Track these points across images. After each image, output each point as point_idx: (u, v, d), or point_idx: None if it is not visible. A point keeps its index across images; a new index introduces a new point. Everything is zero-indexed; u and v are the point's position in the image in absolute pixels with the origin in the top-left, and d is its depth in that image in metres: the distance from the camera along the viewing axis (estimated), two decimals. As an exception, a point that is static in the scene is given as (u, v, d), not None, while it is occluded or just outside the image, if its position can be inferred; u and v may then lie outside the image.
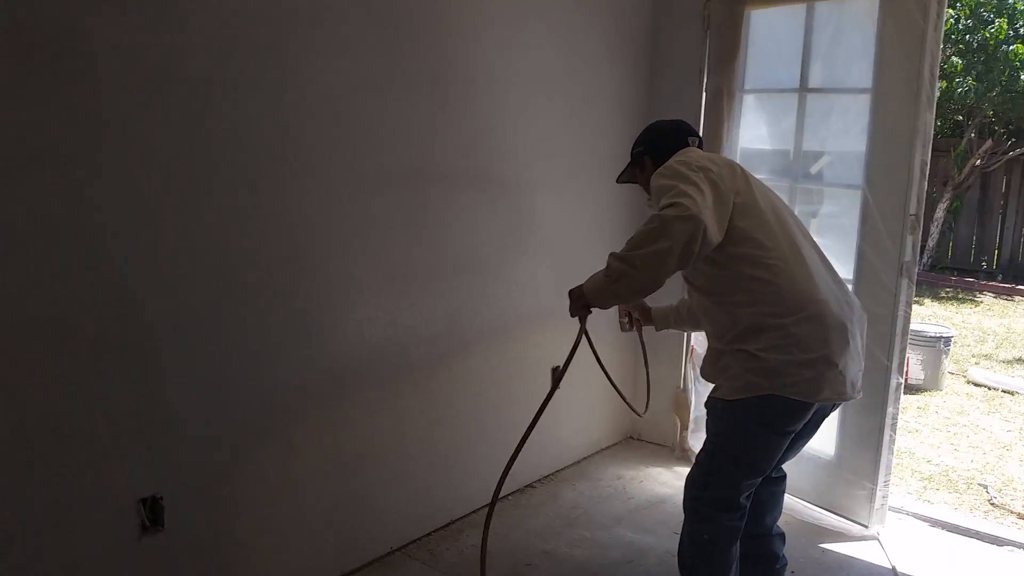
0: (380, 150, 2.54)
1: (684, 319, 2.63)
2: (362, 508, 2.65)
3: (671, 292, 2.42)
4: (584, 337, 2.19)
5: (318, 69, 2.32)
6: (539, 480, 3.42)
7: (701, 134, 3.47)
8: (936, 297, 8.95)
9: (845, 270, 3.14)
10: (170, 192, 2.02)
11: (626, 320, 2.73)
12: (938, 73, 2.89)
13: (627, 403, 2.69)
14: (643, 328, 2.74)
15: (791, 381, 2.02)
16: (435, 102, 2.71)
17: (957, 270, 10.54)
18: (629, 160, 2.41)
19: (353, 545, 2.63)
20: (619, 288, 2.00)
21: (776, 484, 2.46)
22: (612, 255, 2.01)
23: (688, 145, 2.27)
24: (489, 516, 2.17)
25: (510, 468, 2.15)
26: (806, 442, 2.29)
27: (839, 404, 2.21)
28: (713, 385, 2.22)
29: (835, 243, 3.29)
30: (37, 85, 1.76)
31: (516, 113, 3.06)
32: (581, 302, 2.12)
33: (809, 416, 2.13)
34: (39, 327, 1.81)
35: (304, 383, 2.40)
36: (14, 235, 1.75)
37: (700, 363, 2.39)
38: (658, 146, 2.28)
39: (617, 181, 2.49)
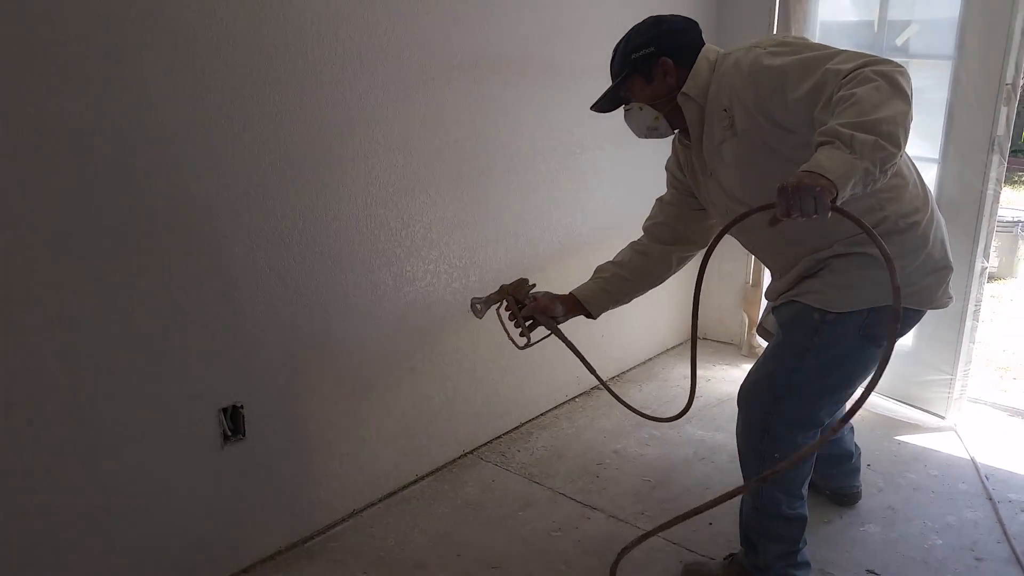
0: (440, 38, 2.36)
1: (636, 281, 2.15)
2: (435, 412, 2.63)
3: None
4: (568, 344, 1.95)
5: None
6: (607, 381, 3.38)
7: (778, 4, 3.25)
8: (1009, 182, 8.51)
9: (931, 148, 2.94)
10: (232, 86, 1.91)
11: (520, 329, 2.05)
12: (1050, -79, 2.58)
13: (630, 406, 2.31)
14: (553, 322, 2.09)
15: (916, 289, 1.79)
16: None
17: (1030, 153, 9.99)
18: (616, 79, 1.90)
19: (426, 449, 2.63)
20: (871, 168, 1.45)
21: None
22: (843, 125, 1.45)
23: (704, 44, 1.87)
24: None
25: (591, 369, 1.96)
26: None
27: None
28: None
29: (920, 120, 3.04)
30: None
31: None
32: (827, 191, 1.41)
33: (915, 323, 1.93)
34: (110, 233, 1.75)
35: (374, 285, 2.34)
36: (79, 138, 1.67)
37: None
38: (679, 44, 1.84)
39: (598, 109, 1.96)
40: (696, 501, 2.48)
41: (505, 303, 2.06)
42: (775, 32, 3.29)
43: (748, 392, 1.96)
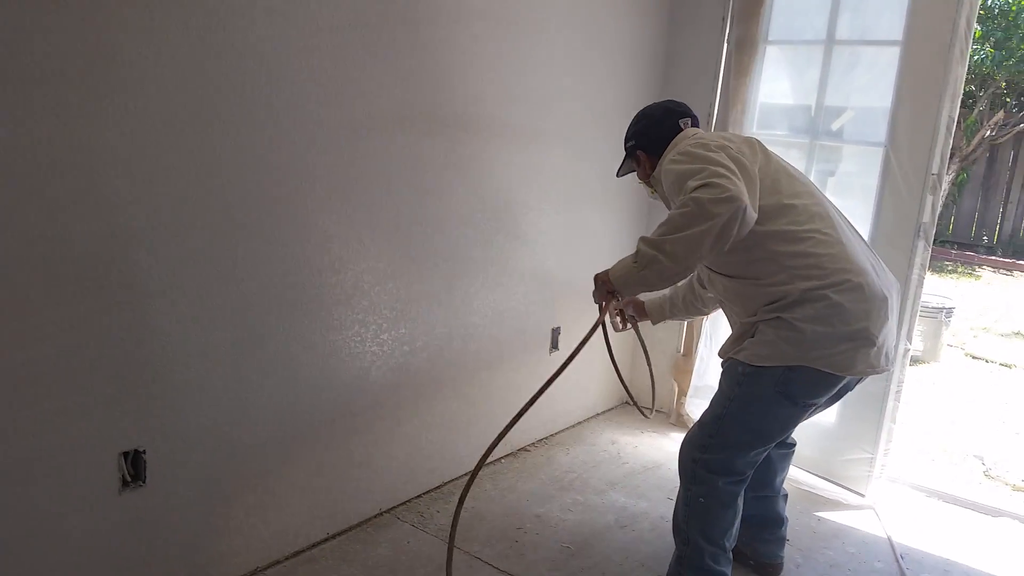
0: (388, 89, 2.36)
1: (680, 308, 2.56)
2: (352, 468, 2.54)
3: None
4: (601, 328, 2.10)
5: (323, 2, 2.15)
6: (533, 444, 3.34)
7: (720, 87, 3.37)
8: (936, 269, 8.87)
9: (861, 231, 3.01)
10: (165, 124, 1.86)
11: (619, 319, 2.57)
12: (974, 25, 2.74)
13: (635, 403, 2.64)
14: (639, 324, 2.63)
15: (826, 353, 1.93)
16: (448, 41, 2.52)
17: (958, 243, 10.45)
18: (624, 153, 2.31)
19: (342, 506, 2.53)
20: (647, 275, 1.88)
21: (788, 447, 2.42)
22: (642, 239, 1.89)
23: (681, 129, 2.14)
24: (467, 487, 1.98)
25: (500, 439, 2.02)
26: (820, 412, 2.20)
27: (865, 378, 2.09)
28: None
29: (852, 203, 3.16)
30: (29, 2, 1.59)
31: (531, 56, 2.87)
32: (606, 288, 2.00)
33: (836, 389, 2.04)
34: (11, 260, 1.66)
35: (297, 335, 2.27)
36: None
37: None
38: (650, 137, 2.17)
39: (617, 175, 2.39)
40: (614, 570, 2.44)
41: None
42: (715, 112, 3.38)
43: (684, 440, 2.17)
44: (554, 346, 3.32)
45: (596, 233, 3.41)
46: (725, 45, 3.36)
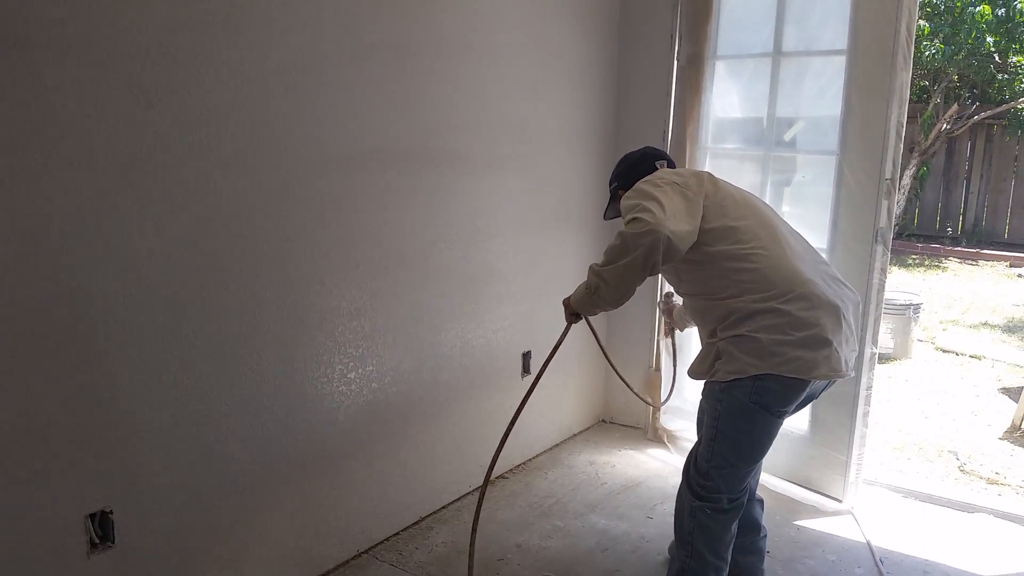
0: (340, 129, 2.36)
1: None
2: (325, 511, 2.51)
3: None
4: (595, 338, 2.55)
5: (271, 44, 2.14)
6: (511, 470, 3.32)
7: (672, 104, 3.41)
8: (903, 264, 8.99)
9: (819, 239, 3.06)
10: (118, 181, 1.84)
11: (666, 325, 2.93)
12: (915, 31, 2.79)
13: (638, 394, 2.89)
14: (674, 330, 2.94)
15: (786, 359, 2.04)
16: (398, 77, 2.53)
17: (923, 237, 10.62)
18: (610, 197, 2.47)
19: (317, 550, 2.50)
20: (596, 299, 2.14)
21: None
22: (591, 268, 2.14)
23: (656, 169, 2.30)
24: (475, 524, 2.28)
25: (493, 467, 2.28)
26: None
27: (831, 384, 2.20)
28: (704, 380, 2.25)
29: (809, 212, 3.21)
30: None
31: (483, 87, 2.89)
32: (569, 311, 2.29)
33: (803, 395, 2.13)
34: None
35: (262, 378, 2.25)
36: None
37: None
38: (629, 178, 2.31)
39: (604, 218, 2.56)
40: (597, 598, 2.42)
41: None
42: (670, 130, 3.41)
43: (688, 462, 2.29)
44: (526, 370, 3.32)
45: (559, 256, 3.42)
46: (675, 62, 3.40)
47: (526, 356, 3.32)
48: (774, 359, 2.04)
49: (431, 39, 2.64)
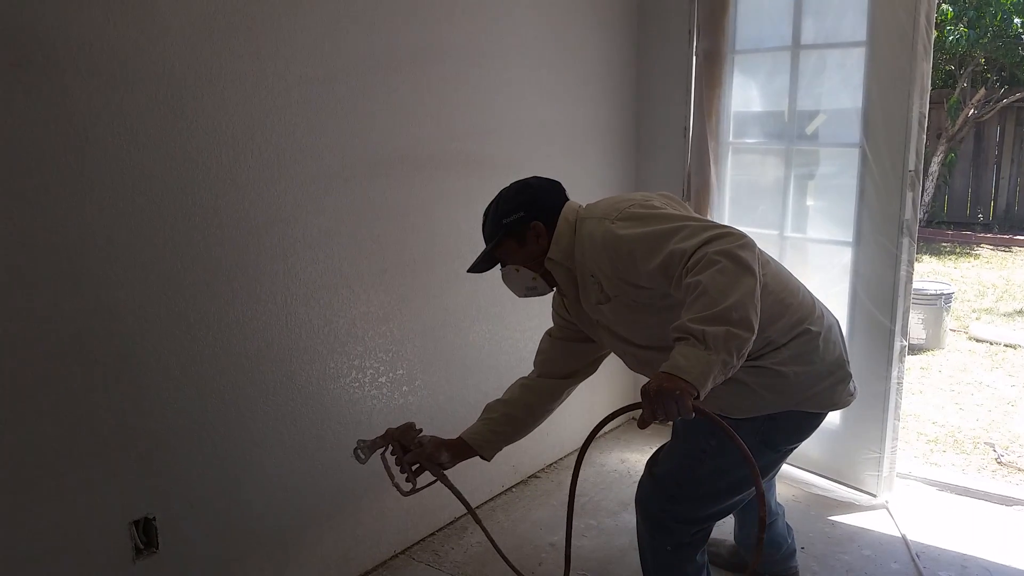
0: (362, 136, 2.40)
1: (527, 419, 2.09)
2: (362, 512, 2.55)
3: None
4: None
5: (294, 50, 2.18)
6: (543, 469, 3.34)
7: (692, 100, 3.41)
8: (934, 252, 8.87)
9: (844, 232, 3.05)
10: (147, 193, 1.90)
11: (405, 476, 1.99)
12: (934, 20, 2.77)
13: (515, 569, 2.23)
14: (443, 470, 2.02)
15: (812, 393, 1.83)
16: (418, 83, 2.56)
17: (954, 224, 10.46)
18: (489, 243, 1.93)
19: (354, 553, 2.54)
20: (727, 357, 1.49)
21: None
22: (692, 321, 1.50)
23: (567, 200, 1.94)
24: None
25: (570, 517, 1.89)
26: None
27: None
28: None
29: (833, 205, 3.19)
30: (5, 90, 1.64)
31: (503, 89, 2.91)
32: (687, 393, 1.47)
33: (815, 428, 1.94)
34: (12, 339, 1.70)
35: (295, 384, 2.30)
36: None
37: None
38: (545, 207, 1.89)
39: (474, 270, 1.98)
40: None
41: (390, 448, 2.01)
42: (691, 125, 3.41)
43: (644, 487, 1.98)
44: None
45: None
46: (694, 58, 3.40)
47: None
48: (801, 394, 1.81)
49: (448, 45, 2.67)
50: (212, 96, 2.01)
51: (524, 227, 1.89)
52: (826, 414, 1.94)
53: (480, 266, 1.97)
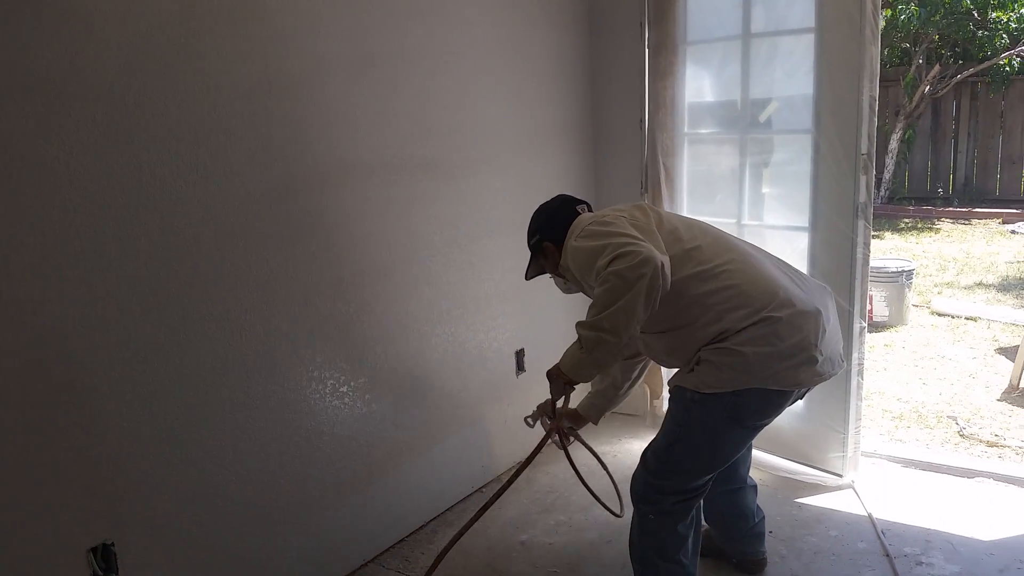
0: (312, 146, 2.37)
1: (620, 388, 2.51)
2: (329, 523, 2.53)
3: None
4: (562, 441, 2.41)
5: (237, 61, 2.14)
6: (512, 467, 3.34)
7: (647, 92, 3.41)
8: (896, 229, 9.01)
9: (800, 218, 3.08)
10: (87, 214, 1.85)
11: (558, 437, 2.41)
12: (880, 4, 2.80)
13: (604, 505, 2.59)
14: (580, 431, 2.55)
15: (773, 372, 1.97)
16: (368, 89, 2.53)
17: (914, 199, 10.63)
18: (530, 254, 2.31)
19: (323, 563, 2.52)
20: (597, 356, 1.97)
21: None
22: (580, 325, 1.97)
23: (579, 214, 2.22)
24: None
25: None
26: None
27: (813, 387, 2.13)
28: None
29: (789, 191, 3.22)
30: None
31: (454, 92, 2.89)
32: (562, 380, 2.08)
33: (787, 405, 2.08)
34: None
35: (253, 398, 2.26)
36: None
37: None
38: (552, 227, 2.23)
39: (526, 278, 2.39)
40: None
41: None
42: (646, 118, 3.41)
43: (634, 474, 2.19)
44: (520, 368, 3.34)
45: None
46: (647, 50, 3.40)
47: (519, 354, 3.34)
48: (760, 372, 1.95)
49: (395, 48, 2.64)
50: (154, 113, 1.97)
51: (541, 247, 2.26)
52: (793, 392, 2.05)
53: (530, 275, 2.38)
